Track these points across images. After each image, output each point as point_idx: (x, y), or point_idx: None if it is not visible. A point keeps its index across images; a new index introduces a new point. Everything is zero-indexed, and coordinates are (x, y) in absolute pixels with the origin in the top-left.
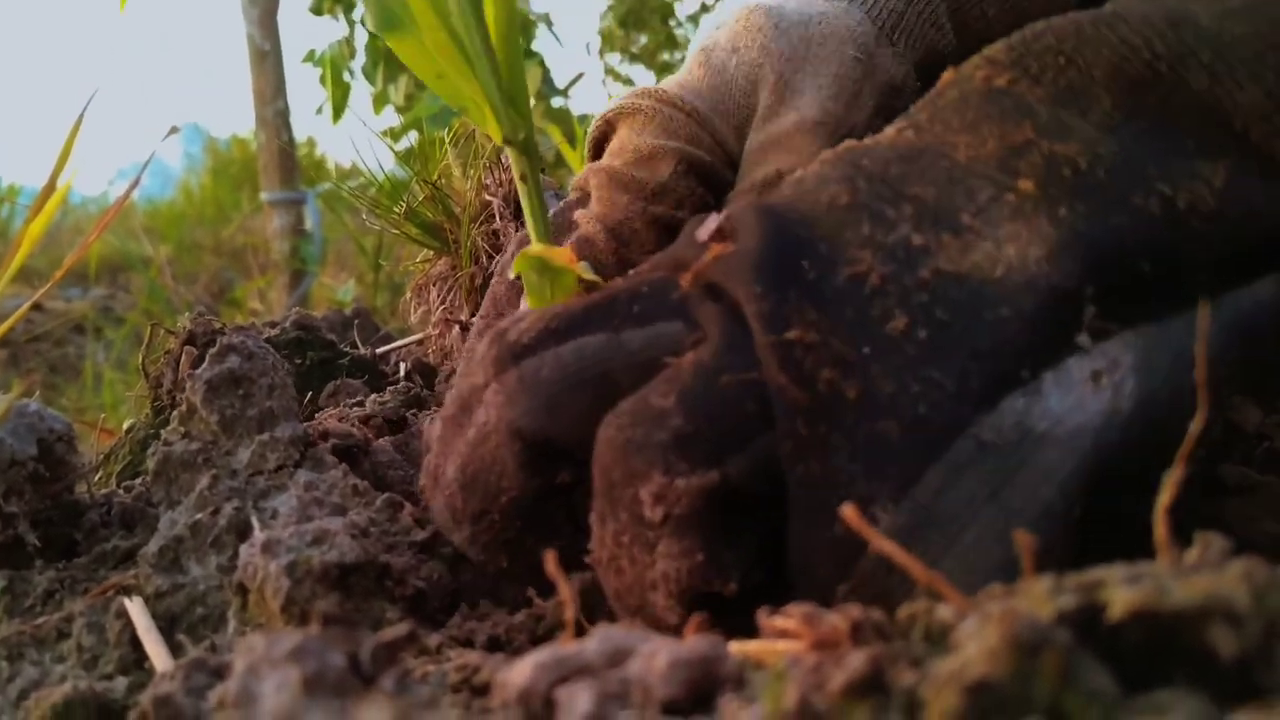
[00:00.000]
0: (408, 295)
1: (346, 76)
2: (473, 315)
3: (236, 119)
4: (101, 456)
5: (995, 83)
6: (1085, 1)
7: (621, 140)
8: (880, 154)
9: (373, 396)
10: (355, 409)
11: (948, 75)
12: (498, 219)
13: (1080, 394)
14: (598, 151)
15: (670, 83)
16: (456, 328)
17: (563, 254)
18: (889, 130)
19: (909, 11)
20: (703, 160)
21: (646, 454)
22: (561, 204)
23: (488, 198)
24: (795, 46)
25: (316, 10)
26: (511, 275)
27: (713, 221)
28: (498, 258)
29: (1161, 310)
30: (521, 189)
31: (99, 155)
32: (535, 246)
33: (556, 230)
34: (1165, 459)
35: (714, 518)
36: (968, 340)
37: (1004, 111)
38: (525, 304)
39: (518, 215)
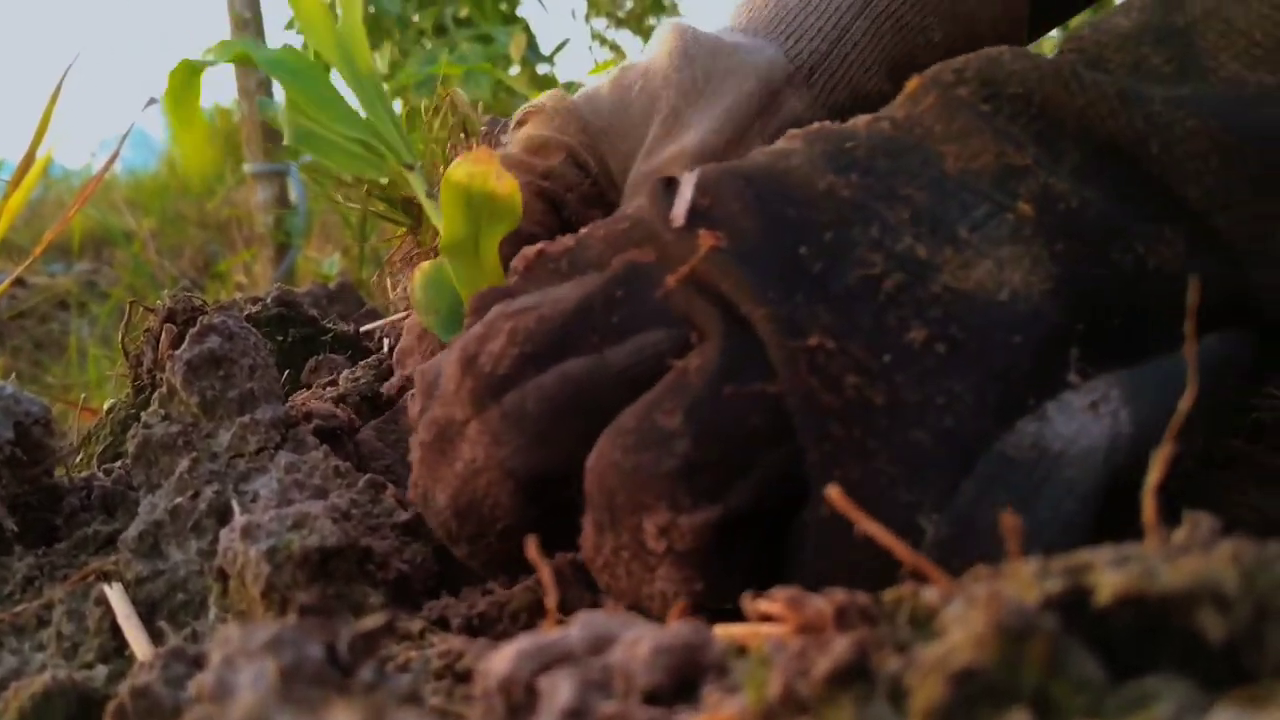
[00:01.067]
0: (378, 274)
1: None
2: None
3: (219, 88)
4: (81, 438)
5: (980, 107)
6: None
7: (522, 132)
8: (864, 142)
9: (344, 373)
10: (329, 388)
11: (915, 81)
12: None
13: (1083, 420)
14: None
15: (582, 91)
16: None
17: (480, 154)
18: (860, 119)
19: (833, 53)
20: (589, 163)
21: (653, 486)
22: None
23: None
24: (696, 79)
25: None
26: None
27: (687, 191)
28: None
29: (1128, 362)
30: (427, 205)
31: (81, 127)
32: (461, 164)
33: None
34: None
35: (716, 546)
36: (984, 360)
37: (997, 132)
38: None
39: None
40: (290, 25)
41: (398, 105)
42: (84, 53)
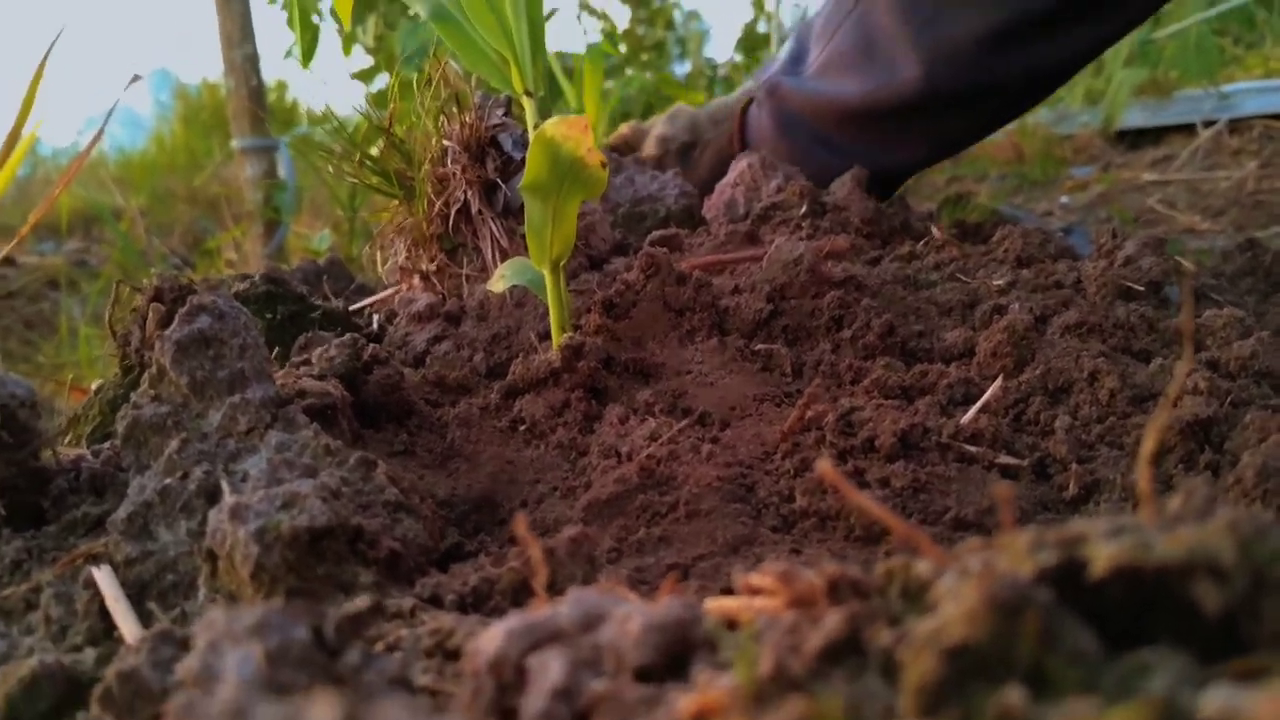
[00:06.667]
0: (367, 248)
1: (315, 19)
2: (431, 262)
3: (207, 63)
4: (69, 419)
5: None
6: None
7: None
8: None
9: (318, 351)
10: (304, 366)
11: None
12: (448, 162)
13: None
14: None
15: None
16: (417, 277)
17: (578, 122)
18: None
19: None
20: (632, 142)
21: None
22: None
23: (445, 143)
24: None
25: None
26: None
27: None
28: (438, 202)
29: None
30: (534, 134)
31: (69, 104)
32: (556, 123)
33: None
34: None
35: None
36: None
37: None
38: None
39: (477, 160)
40: (273, 0)
41: (385, 78)
42: (69, 30)
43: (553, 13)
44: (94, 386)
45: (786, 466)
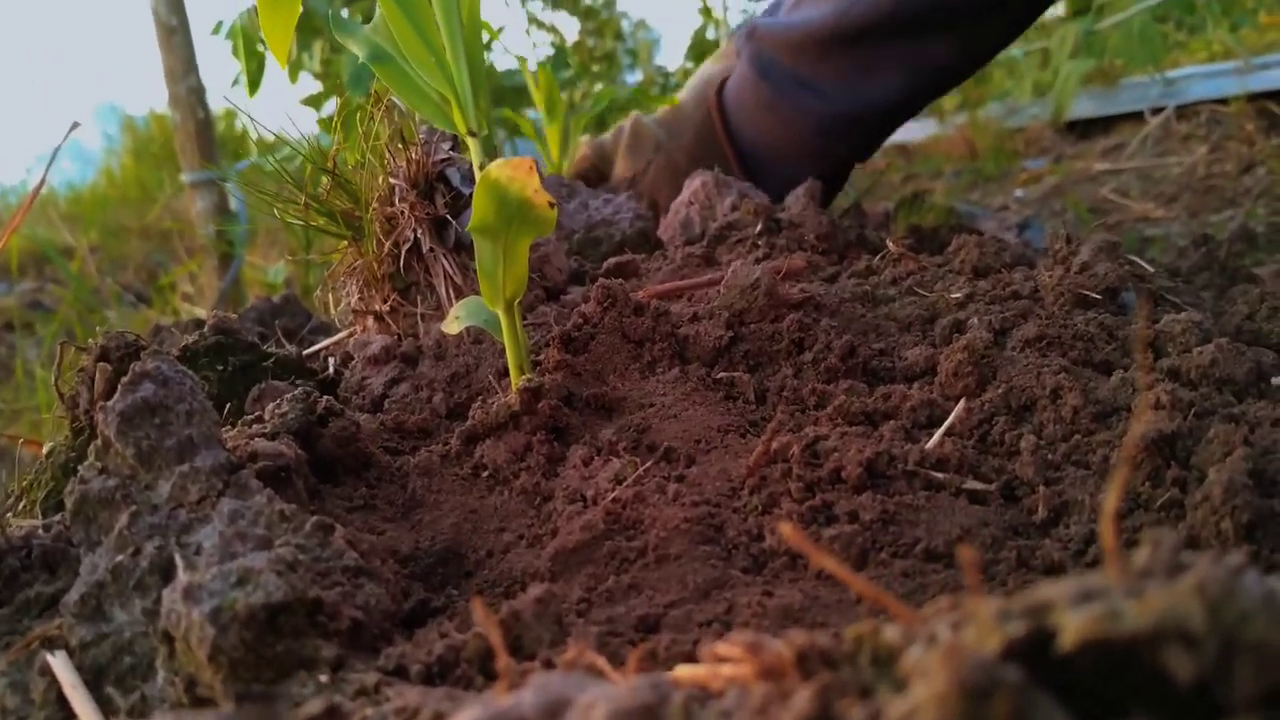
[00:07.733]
0: (319, 291)
1: (260, 47)
2: (384, 303)
3: (154, 94)
4: (21, 488)
5: None
6: None
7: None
8: None
9: (269, 407)
10: (255, 424)
11: None
12: (396, 201)
13: None
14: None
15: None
16: (371, 318)
17: (523, 163)
18: None
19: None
20: (599, 165)
21: None
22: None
23: (392, 181)
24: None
25: None
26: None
27: None
28: (388, 241)
29: None
30: (479, 177)
31: (18, 141)
32: (501, 166)
33: None
34: None
35: None
36: None
37: None
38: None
39: (425, 197)
40: (216, 30)
41: (332, 104)
42: (15, 67)
43: (500, 30)
44: (45, 450)
45: (754, 503)
